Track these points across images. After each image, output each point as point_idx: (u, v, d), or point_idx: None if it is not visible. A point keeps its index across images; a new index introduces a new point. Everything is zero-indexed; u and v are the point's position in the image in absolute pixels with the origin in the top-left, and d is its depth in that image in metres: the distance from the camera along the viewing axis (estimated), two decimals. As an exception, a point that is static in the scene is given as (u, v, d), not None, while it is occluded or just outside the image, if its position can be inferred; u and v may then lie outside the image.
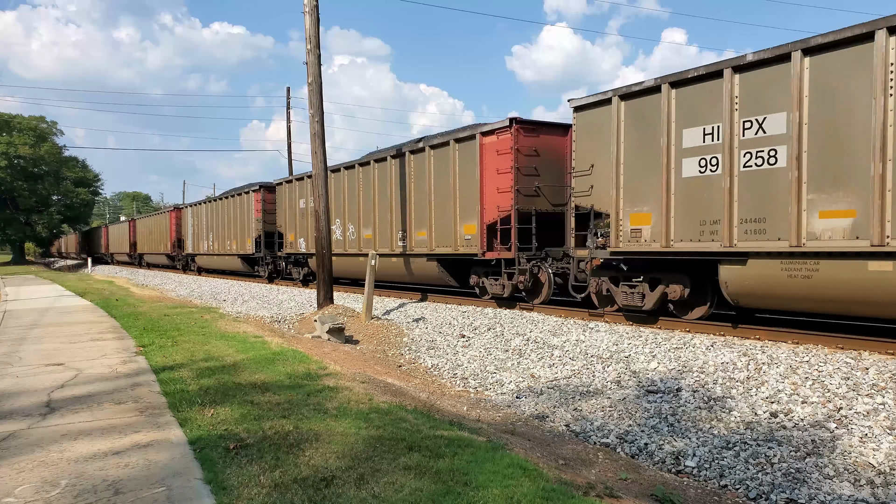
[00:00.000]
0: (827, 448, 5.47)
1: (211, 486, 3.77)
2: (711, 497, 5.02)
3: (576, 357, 9.14)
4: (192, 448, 4.47)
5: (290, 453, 4.32)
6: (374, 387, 6.89)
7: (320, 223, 14.57)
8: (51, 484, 3.84)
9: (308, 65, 14.38)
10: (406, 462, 4.20)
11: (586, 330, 10.38)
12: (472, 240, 13.63)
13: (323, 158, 14.62)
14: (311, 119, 14.53)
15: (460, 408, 7.20)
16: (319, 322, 11.76)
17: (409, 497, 3.63)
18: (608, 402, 7.25)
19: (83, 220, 70.04)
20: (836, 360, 7.29)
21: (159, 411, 5.49)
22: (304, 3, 14.36)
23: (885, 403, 6.02)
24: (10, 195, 53.71)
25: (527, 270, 12.68)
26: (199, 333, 10.25)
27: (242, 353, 8.32)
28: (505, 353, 10.06)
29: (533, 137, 12.89)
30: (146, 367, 7.50)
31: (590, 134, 10.96)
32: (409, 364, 10.32)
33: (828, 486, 4.97)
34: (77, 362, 7.83)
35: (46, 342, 9.62)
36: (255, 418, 5.16)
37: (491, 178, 13.18)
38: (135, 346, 9.03)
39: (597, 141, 10.79)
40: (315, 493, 3.67)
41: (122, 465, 4.15)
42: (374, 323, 13.19)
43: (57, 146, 57.49)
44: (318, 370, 7.30)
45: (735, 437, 5.90)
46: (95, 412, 5.48)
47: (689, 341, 8.85)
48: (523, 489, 3.84)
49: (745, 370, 7.38)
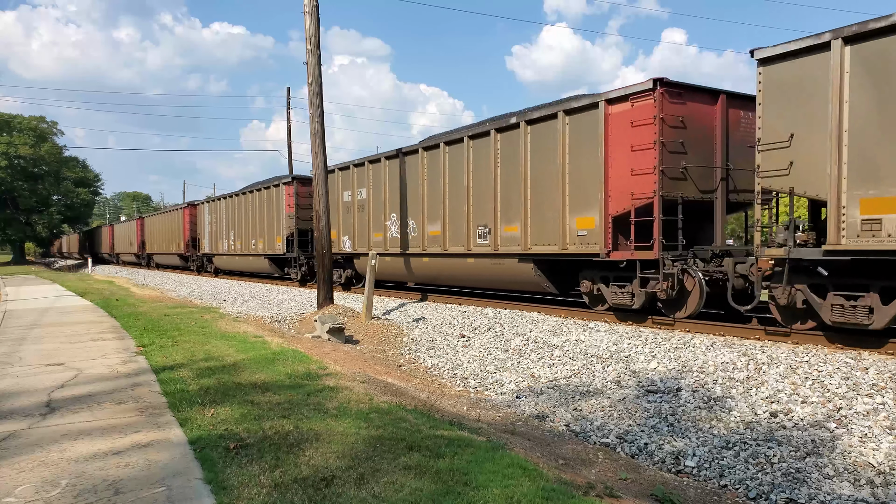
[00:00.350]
0: (827, 448, 5.47)
1: (211, 486, 3.77)
2: (711, 497, 5.02)
3: (576, 357, 9.14)
4: (192, 448, 4.47)
5: (290, 453, 4.32)
6: (374, 387, 6.89)
7: (320, 223, 14.59)
8: (51, 484, 3.84)
9: (308, 65, 14.39)
10: (406, 462, 4.20)
11: (586, 330, 10.37)
12: (590, 236, 10.95)
13: (323, 158, 14.62)
14: (311, 119, 14.54)
15: (460, 408, 7.20)
16: (319, 322, 11.76)
17: (409, 497, 3.63)
18: (608, 401, 7.25)
19: (83, 220, 70.09)
20: (836, 360, 7.29)
21: (159, 411, 5.49)
22: (304, 3, 14.37)
23: (884, 403, 6.02)
24: (11, 195, 53.76)
25: (672, 276, 9.85)
26: (199, 333, 10.25)
27: (242, 352, 8.32)
28: (505, 352, 10.06)
29: (679, 105, 10.14)
30: (146, 366, 7.51)
31: (786, 93, 8.29)
32: (409, 364, 10.32)
33: (828, 486, 4.97)
34: (77, 362, 7.83)
35: (46, 342, 9.62)
36: (255, 418, 5.16)
37: (621, 158, 10.45)
38: (135, 346, 9.03)
39: (799, 102, 8.13)
40: (315, 492, 3.67)
41: (122, 464, 4.16)
42: (375, 323, 13.19)
43: (57, 146, 57.54)
44: (319, 370, 7.31)
45: (735, 437, 5.90)
46: (95, 412, 5.48)
47: (688, 341, 8.85)
48: (523, 489, 3.85)
49: (745, 370, 7.38)
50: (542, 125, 12.05)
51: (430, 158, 15.28)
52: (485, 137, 13.50)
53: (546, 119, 11.96)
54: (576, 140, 11.35)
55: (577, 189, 11.29)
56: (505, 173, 12.96)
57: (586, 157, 11.11)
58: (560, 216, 11.54)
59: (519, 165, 12.51)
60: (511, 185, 12.78)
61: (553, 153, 11.76)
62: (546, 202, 11.96)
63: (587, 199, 11.10)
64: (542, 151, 12.05)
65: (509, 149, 12.84)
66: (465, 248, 14.02)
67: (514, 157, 12.68)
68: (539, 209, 12.14)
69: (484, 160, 13.50)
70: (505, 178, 12.97)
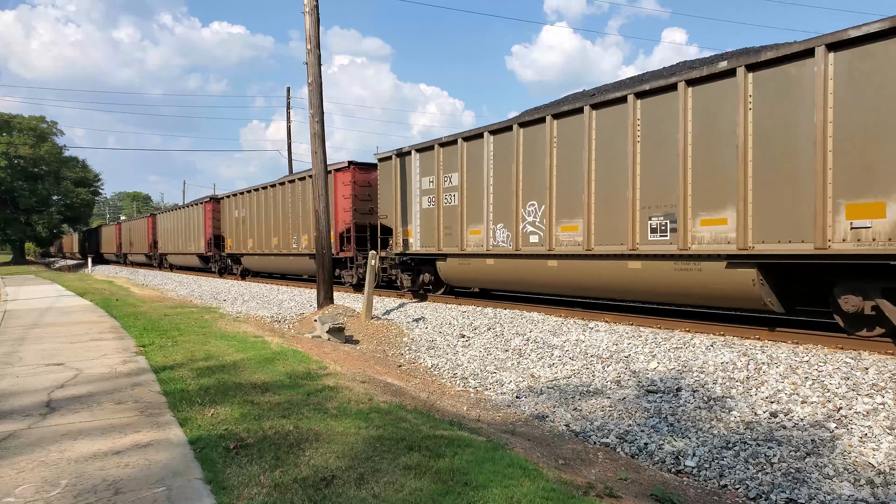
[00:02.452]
0: (827, 448, 5.47)
1: (211, 486, 3.77)
2: (711, 497, 5.02)
3: (576, 357, 9.14)
4: (192, 448, 4.47)
5: (290, 453, 4.32)
6: (374, 386, 6.89)
7: (320, 223, 14.59)
8: (51, 484, 3.84)
9: (308, 65, 14.39)
10: (406, 462, 4.20)
11: (586, 330, 10.37)
12: (877, 231, 7.26)
13: (323, 158, 14.63)
14: (311, 119, 14.54)
15: (460, 408, 7.20)
16: (319, 322, 11.76)
17: (409, 497, 3.63)
18: (608, 401, 7.25)
19: (83, 220, 70.01)
20: (836, 360, 7.29)
21: (159, 411, 5.49)
22: (304, 3, 14.37)
23: (884, 403, 6.02)
24: (10, 195, 53.71)
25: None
26: (199, 333, 10.25)
27: (242, 352, 8.32)
28: (505, 352, 10.06)
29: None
30: (146, 366, 7.51)
31: None
32: (409, 364, 10.32)
33: (827, 486, 4.97)
34: (77, 362, 7.83)
35: (46, 342, 9.62)
36: (255, 418, 5.16)
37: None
38: (135, 346, 9.03)
39: None
40: (315, 492, 3.67)
41: (122, 464, 4.15)
42: (374, 323, 13.19)
43: (57, 146, 57.50)
44: (318, 370, 7.31)
45: (735, 437, 5.90)
46: (95, 412, 5.48)
47: (688, 341, 8.85)
48: (523, 489, 3.84)
49: (745, 370, 7.38)
50: (776, 70, 8.29)
51: (562, 128, 11.38)
52: (667, 93, 9.56)
53: (780, 62, 8.24)
54: (852, 87, 7.49)
55: (853, 158, 7.48)
56: (702, 139, 9.13)
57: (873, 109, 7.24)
58: (815, 200, 7.77)
59: (732, 124, 8.67)
60: (713, 156, 8.98)
61: (799, 104, 7.99)
62: (783, 178, 8.16)
63: (870, 178, 7.30)
64: (779, 107, 8.23)
65: (711, 105, 9.01)
66: (627, 247, 10.16)
67: (722, 115, 8.84)
68: (768, 189, 8.33)
69: (664, 123, 9.62)
70: (702, 146, 9.13)
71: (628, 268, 10.26)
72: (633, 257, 10.18)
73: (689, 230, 9.34)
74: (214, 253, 30.08)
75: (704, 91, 9.11)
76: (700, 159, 9.18)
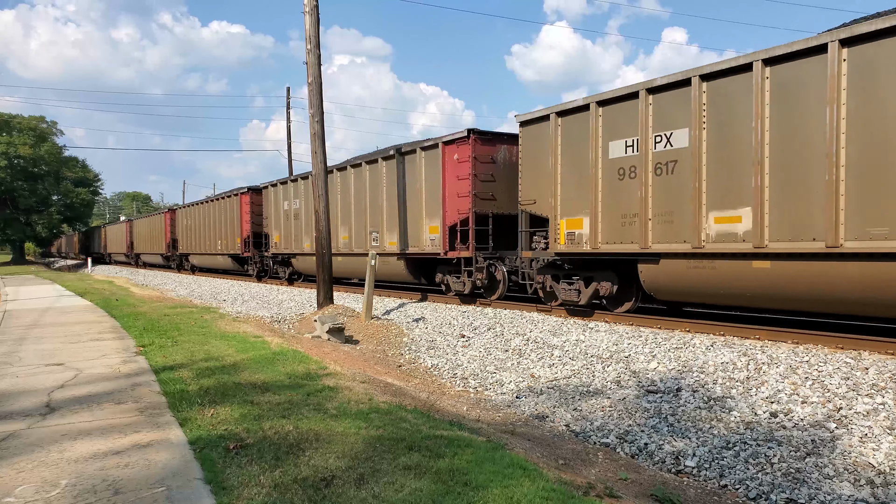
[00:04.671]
0: (827, 448, 5.47)
1: (211, 486, 3.77)
2: (711, 497, 5.02)
3: (576, 357, 9.13)
4: (192, 448, 4.47)
5: (290, 453, 4.32)
6: (374, 387, 6.89)
7: (320, 223, 14.59)
8: (51, 484, 3.84)
9: (308, 65, 14.38)
10: (406, 462, 4.20)
11: (586, 330, 10.37)
12: None
13: (323, 158, 14.63)
14: (311, 119, 14.54)
15: (460, 408, 7.20)
16: (319, 322, 11.76)
17: (409, 497, 3.63)
18: (608, 401, 7.25)
19: (83, 220, 70.04)
20: (836, 360, 7.29)
21: (159, 411, 5.49)
22: (304, 3, 14.37)
23: (884, 403, 6.02)
24: (10, 195, 53.74)
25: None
26: (199, 333, 10.25)
27: (242, 352, 8.32)
28: (505, 353, 10.06)
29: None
30: (146, 367, 7.51)
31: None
32: (409, 364, 10.32)
33: (828, 486, 4.97)
34: (77, 362, 7.83)
35: (46, 342, 9.62)
36: (255, 418, 5.16)
37: None
38: (135, 346, 9.03)
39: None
40: (315, 493, 3.67)
41: (122, 465, 4.15)
42: (374, 323, 13.19)
43: (57, 146, 57.53)
44: (318, 370, 7.31)
45: (735, 437, 5.90)
46: (95, 412, 5.48)
47: (688, 341, 8.85)
48: (523, 489, 3.84)
49: (745, 370, 7.38)
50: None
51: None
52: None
53: None
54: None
55: None
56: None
57: None
58: None
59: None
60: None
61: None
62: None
63: None
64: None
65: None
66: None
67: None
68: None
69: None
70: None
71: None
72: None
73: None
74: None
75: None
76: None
